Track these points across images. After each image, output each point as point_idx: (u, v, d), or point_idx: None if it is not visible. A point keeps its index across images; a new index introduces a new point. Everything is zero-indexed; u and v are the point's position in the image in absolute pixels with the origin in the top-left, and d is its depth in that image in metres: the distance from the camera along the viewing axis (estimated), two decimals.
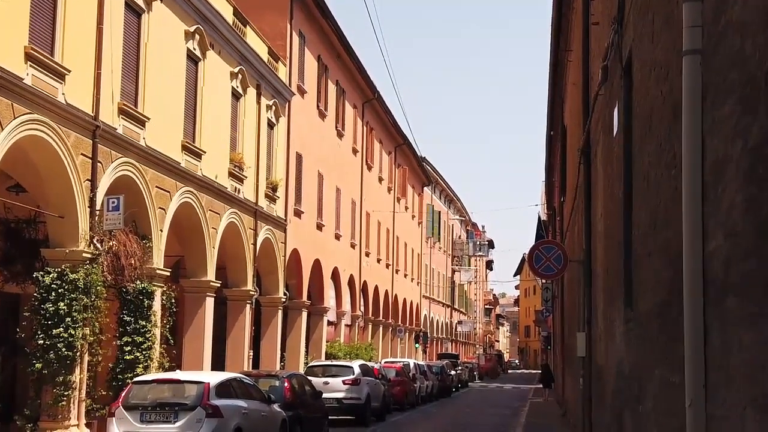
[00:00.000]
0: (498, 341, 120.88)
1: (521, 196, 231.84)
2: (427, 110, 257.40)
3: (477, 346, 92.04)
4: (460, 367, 53.23)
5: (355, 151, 40.28)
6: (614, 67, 8.99)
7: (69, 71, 15.95)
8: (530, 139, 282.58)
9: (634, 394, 7.55)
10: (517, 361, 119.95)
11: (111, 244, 17.35)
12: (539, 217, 48.54)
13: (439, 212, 67.17)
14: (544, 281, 40.83)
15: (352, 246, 39.91)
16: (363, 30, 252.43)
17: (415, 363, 37.21)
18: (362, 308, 42.36)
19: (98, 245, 16.95)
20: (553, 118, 31.17)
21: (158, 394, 13.99)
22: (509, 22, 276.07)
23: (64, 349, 15.89)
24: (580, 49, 15.45)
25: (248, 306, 25.62)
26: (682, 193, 4.61)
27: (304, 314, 31.53)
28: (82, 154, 16.48)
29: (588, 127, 13.37)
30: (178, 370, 16.98)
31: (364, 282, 42.37)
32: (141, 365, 18.14)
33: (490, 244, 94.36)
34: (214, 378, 14.57)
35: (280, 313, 28.45)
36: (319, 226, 33.87)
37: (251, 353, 25.99)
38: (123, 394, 14.08)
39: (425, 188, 61.05)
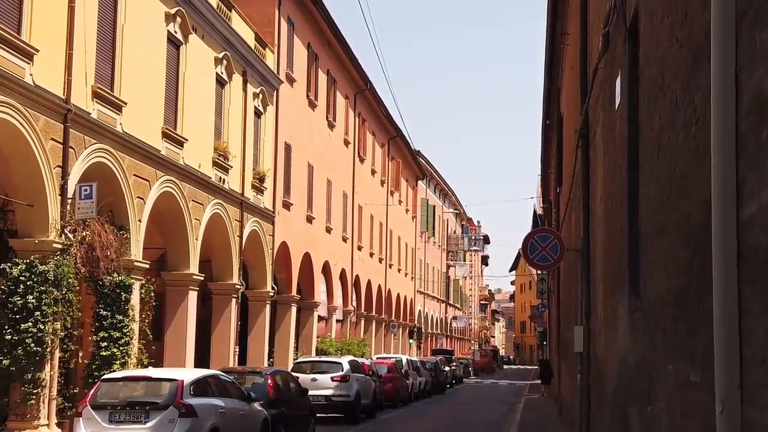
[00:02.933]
0: (493, 337, 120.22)
1: (518, 194, 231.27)
2: (426, 109, 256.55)
3: (472, 341, 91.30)
4: (454, 363, 52.48)
5: (346, 143, 39.38)
6: (617, 32, 8.16)
7: (37, 51, 15.10)
8: (529, 138, 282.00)
9: (641, 393, 6.71)
10: (511, 357, 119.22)
11: (84, 234, 16.50)
12: (534, 210, 47.79)
13: (434, 206, 66.30)
14: (539, 273, 40.02)
15: (344, 239, 39.04)
16: (360, 29, 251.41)
17: (407, 359, 36.39)
18: (354, 303, 41.52)
19: (70, 235, 16.11)
20: (549, 109, 30.35)
21: (129, 392, 13.11)
22: (509, 21, 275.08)
23: (32, 345, 15.14)
24: (577, 26, 14.63)
25: (234, 300, 24.78)
26: (705, 153, 3.78)
27: (294, 309, 30.68)
28: (52, 138, 15.62)
29: (586, 106, 12.55)
30: (150, 367, 16.12)
31: (357, 276, 41.50)
32: (118, 361, 17.41)
33: (486, 240, 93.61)
34: (189, 375, 13.70)
35: (267, 307, 27.61)
36: (309, 219, 33.00)
37: (237, 349, 25.14)
38: (91, 393, 13.19)
39: (419, 182, 60.16)
